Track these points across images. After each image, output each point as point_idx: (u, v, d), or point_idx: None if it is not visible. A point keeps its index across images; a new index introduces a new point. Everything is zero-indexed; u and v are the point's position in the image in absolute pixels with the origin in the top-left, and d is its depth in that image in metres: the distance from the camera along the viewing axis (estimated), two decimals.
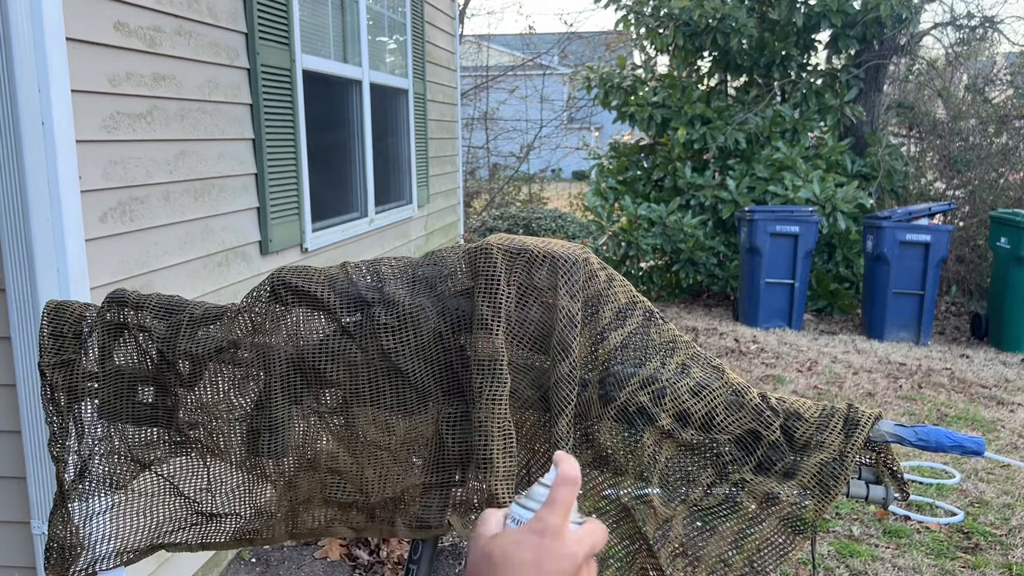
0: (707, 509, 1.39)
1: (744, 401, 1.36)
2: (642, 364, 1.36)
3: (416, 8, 5.80)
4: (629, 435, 1.36)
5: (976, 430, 4.93)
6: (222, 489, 1.45)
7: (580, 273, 1.33)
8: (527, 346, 1.33)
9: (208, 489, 1.45)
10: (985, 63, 10.97)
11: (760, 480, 1.36)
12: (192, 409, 1.42)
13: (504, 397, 1.31)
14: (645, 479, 1.37)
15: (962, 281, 8.42)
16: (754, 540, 1.37)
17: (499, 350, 1.30)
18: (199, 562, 3.01)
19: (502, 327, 1.31)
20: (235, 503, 1.46)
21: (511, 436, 1.32)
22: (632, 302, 1.38)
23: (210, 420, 1.43)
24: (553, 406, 1.31)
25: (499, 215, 10.28)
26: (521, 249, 1.35)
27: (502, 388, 1.31)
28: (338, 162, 4.60)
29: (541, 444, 1.38)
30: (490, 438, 1.31)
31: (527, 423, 1.37)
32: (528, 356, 1.33)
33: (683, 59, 9.18)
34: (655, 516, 1.37)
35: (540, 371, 1.33)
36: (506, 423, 1.32)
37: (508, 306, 1.32)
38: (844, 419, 1.36)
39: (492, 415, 1.31)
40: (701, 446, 1.37)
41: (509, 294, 1.32)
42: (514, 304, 1.32)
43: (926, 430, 1.36)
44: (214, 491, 1.45)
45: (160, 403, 1.42)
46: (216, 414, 1.44)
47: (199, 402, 1.42)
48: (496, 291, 1.32)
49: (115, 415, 1.40)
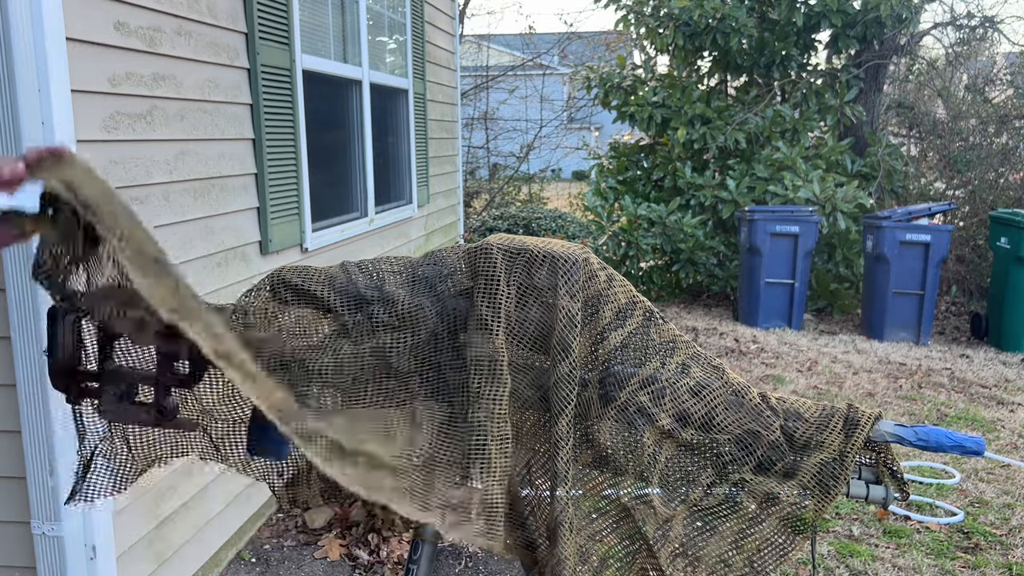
0: (707, 509, 1.39)
1: (744, 401, 1.36)
2: (642, 364, 1.36)
3: (416, 8, 5.80)
4: (629, 435, 1.36)
5: (976, 430, 4.93)
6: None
7: (580, 273, 1.33)
8: (527, 346, 1.34)
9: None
10: (985, 63, 10.97)
11: (760, 480, 1.36)
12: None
13: (504, 397, 1.31)
14: (645, 479, 1.37)
15: (962, 281, 8.42)
16: (754, 540, 1.37)
17: (499, 350, 1.30)
18: (199, 562, 3.01)
19: (502, 327, 1.31)
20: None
21: (508, 437, 1.32)
22: (632, 302, 1.38)
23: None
24: (553, 406, 1.31)
25: (499, 215, 10.28)
26: (521, 249, 1.35)
27: (502, 388, 1.31)
28: (338, 162, 4.60)
29: (541, 444, 1.38)
30: (489, 439, 1.31)
31: (527, 423, 1.37)
32: (528, 356, 1.33)
33: (683, 59, 9.18)
34: (655, 516, 1.37)
35: (540, 371, 1.33)
36: (504, 424, 1.32)
37: (508, 306, 1.32)
38: (844, 419, 1.36)
39: (492, 415, 1.31)
40: (701, 446, 1.37)
41: (509, 294, 1.32)
42: (514, 304, 1.33)
43: (926, 430, 1.36)
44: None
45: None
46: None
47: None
48: (496, 291, 1.32)
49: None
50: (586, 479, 1.39)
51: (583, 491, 1.38)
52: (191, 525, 2.95)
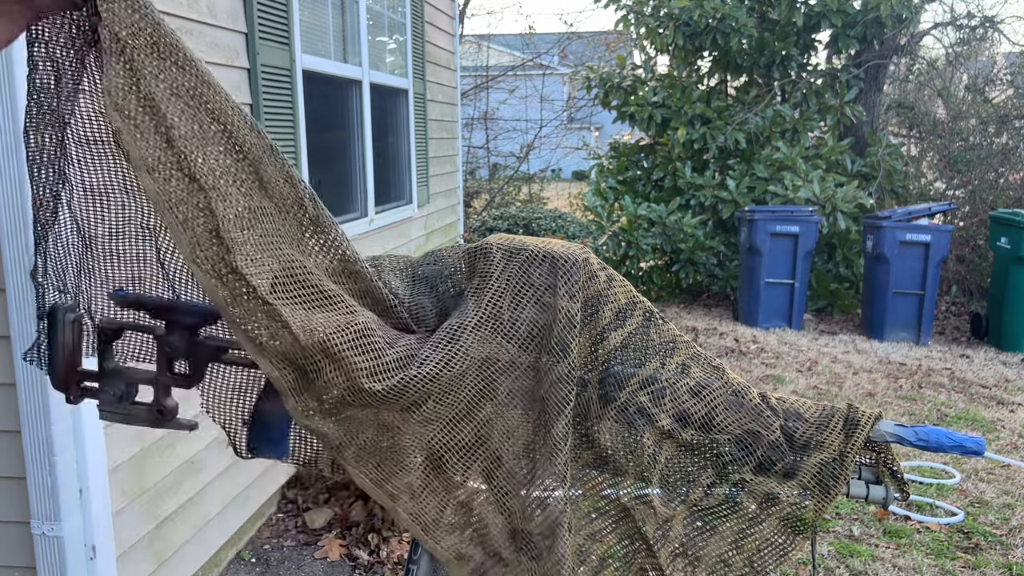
0: (707, 509, 1.39)
1: (744, 401, 1.36)
2: (642, 364, 1.36)
3: (416, 8, 5.80)
4: (629, 435, 1.36)
5: (976, 430, 4.93)
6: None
7: (580, 273, 1.33)
8: (525, 346, 1.33)
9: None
10: (985, 63, 10.97)
11: (760, 480, 1.36)
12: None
13: (502, 397, 1.31)
14: (645, 479, 1.37)
15: (962, 281, 8.42)
16: (754, 540, 1.37)
17: (497, 350, 1.30)
18: (199, 562, 3.01)
19: (501, 327, 1.31)
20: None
21: (506, 439, 1.32)
22: (632, 302, 1.38)
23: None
24: (551, 407, 1.31)
25: (499, 215, 10.27)
26: (521, 249, 1.35)
27: (500, 388, 1.31)
28: (338, 162, 4.60)
29: (540, 445, 1.38)
30: (489, 439, 1.31)
31: (527, 424, 1.36)
32: (526, 356, 1.33)
33: (683, 59, 9.18)
34: (655, 516, 1.37)
35: (538, 371, 1.33)
36: (503, 424, 1.32)
37: (507, 306, 1.32)
38: (844, 419, 1.36)
39: (492, 416, 1.31)
40: (701, 446, 1.37)
41: (508, 294, 1.32)
42: (513, 304, 1.32)
43: (926, 430, 1.36)
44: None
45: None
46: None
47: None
48: (494, 290, 1.32)
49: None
50: (586, 479, 1.39)
51: (583, 491, 1.38)
52: (191, 525, 2.95)
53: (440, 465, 1.33)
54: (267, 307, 1.14)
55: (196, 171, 1.10)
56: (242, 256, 1.13)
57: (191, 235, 1.11)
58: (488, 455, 1.33)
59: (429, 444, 1.31)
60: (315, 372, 1.20)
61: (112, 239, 1.29)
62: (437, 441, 1.31)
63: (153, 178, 1.08)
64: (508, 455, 1.34)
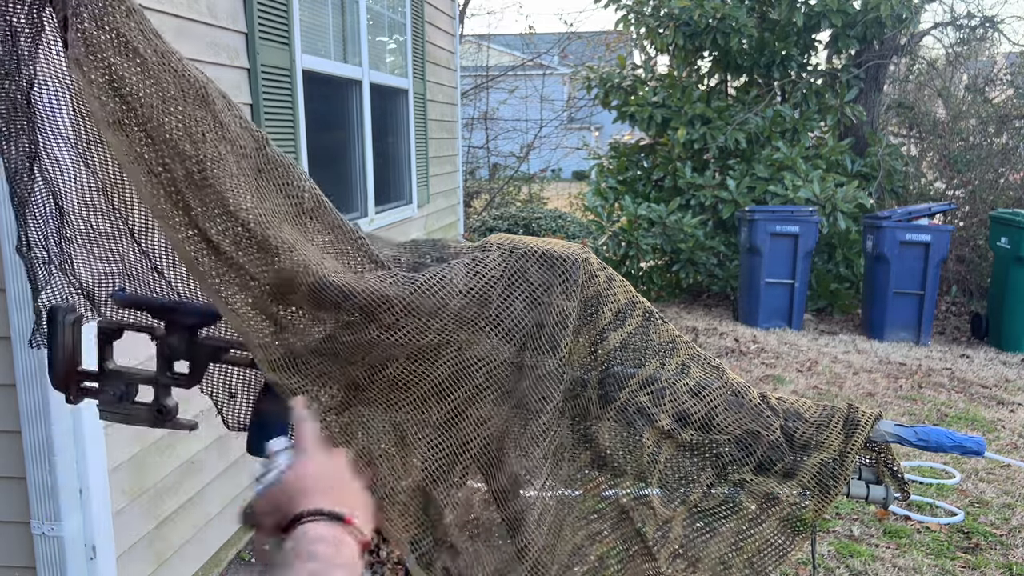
0: (707, 510, 1.38)
1: (744, 401, 1.35)
2: (642, 364, 1.36)
3: (416, 8, 5.80)
4: (629, 435, 1.36)
5: (976, 430, 4.92)
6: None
7: (579, 273, 1.33)
8: (522, 345, 1.33)
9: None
10: (985, 63, 10.97)
11: (760, 480, 1.36)
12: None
13: (500, 397, 1.31)
14: (644, 480, 1.36)
15: (962, 281, 8.42)
16: (754, 541, 1.37)
17: (495, 350, 1.30)
18: (199, 562, 3.01)
19: (499, 327, 1.31)
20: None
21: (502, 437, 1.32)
22: (632, 302, 1.37)
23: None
24: (532, 403, 1.30)
25: (499, 215, 10.27)
26: (519, 246, 1.34)
27: (498, 388, 1.30)
28: (338, 162, 4.60)
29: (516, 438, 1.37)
30: (489, 439, 1.31)
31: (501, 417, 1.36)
32: (508, 349, 1.32)
33: (683, 59, 9.18)
34: (655, 517, 1.37)
35: (521, 367, 1.33)
36: (500, 424, 1.32)
37: (497, 295, 1.31)
38: (844, 419, 1.36)
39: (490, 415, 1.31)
40: (701, 446, 1.36)
41: (500, 284, 1.32)
42: (505, 295, 1.32)
43: (926, 430, 1.36)
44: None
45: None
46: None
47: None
48: (488, 278, 1.31)
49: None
50: (585, 479, 1.38)
51: (582, 491, 1.38)
52: (191, 525, 2.95)
53: (404, 442, 1.30)
54: (231, 260, 1.15)
55: (156, 127, 1.10)
56: (204, 207, 1.13)
57: (153, 189, 1.11)
58: (456, 442, 1.31)
59: (396, 418, 1.29)
60: (282, 305, 1.19)
61: (84, 209, 1.29)
62: (405, 415, 1.29)
63: (114, 133, 1.09)
64: (476, 445, 1.32)
